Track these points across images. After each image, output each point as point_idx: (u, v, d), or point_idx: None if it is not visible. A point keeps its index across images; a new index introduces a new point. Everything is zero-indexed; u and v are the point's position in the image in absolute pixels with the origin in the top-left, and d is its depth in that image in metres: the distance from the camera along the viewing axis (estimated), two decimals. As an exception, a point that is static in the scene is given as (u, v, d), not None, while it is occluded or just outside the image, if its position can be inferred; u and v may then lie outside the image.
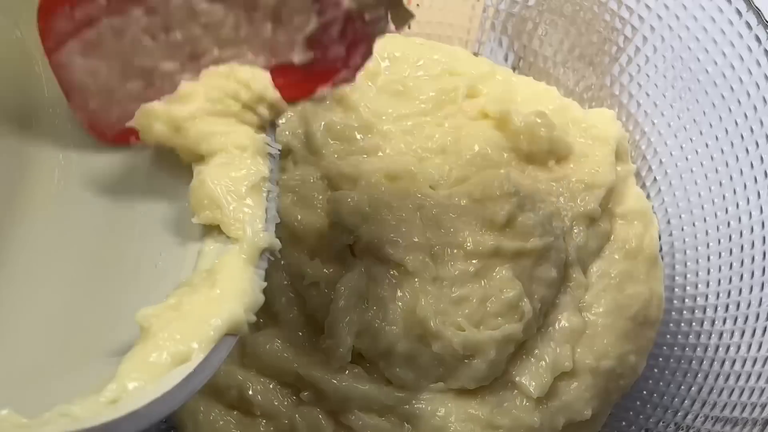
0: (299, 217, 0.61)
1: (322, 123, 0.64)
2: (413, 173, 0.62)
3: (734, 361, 0.58)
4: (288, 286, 0.60)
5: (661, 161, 0.67)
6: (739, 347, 0.58)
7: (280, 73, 0.44)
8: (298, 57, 0.43)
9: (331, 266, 0.59)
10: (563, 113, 0.68)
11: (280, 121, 0.67)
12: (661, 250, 0.67)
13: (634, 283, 0.63)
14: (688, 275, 0.64)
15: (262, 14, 0.43)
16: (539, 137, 0.63)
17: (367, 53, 0.43)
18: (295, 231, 0.60)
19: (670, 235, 0.66)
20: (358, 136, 0.65)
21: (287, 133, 0.66)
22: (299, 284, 0.59)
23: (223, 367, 0.58)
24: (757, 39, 0.60)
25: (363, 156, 0.64)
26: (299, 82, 0.44)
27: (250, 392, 0.58)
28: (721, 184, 0.63)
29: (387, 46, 0.70)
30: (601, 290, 0.62)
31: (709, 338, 0.61)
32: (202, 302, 0.38)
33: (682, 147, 0.66)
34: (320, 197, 0.62)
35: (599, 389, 0.59)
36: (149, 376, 0.35)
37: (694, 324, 0.63)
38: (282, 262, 0.60)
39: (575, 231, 0.62)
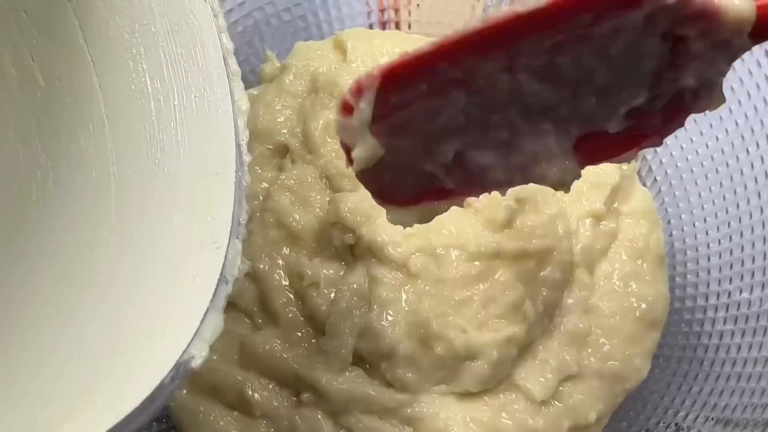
0: (297, 216, 0.60)
1: (321, 121, 0.64)
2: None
3: (735, 362, 0.58)
4: (288, 286, 0.59)
5: (661, 161, 0.67)
6: (739, 348, 0.59)
7: (586, 138, 0.40)
8: (613, 127, 0.40)
9: (331, 266, 0.59)
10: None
11: (279, 120, 0.66)
12: (661, 250, 0.66)
13: (640, 284, 0.62)
14: (689, 276, 0.64)
15: (589, 90, 0.38)
16: None
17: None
18: (294, 231, 0.60)
19: (671, 235, 0.66)
20: (356, 134, 0.64)
21: (285, 131, 0.65)
22: (299, 284, 0.59)
23: (223, 367, 0.58)
24: (758, 40, 0.60)
25: (361, 154, 0.63)
26: (605, 146, 0.41)
27: (250, 393, 0.57)
28: (721, 184, 0.63)
29: (386, 43, 0.70)
30: (607, 292, 0.61)
31: (710, 339, 0.61)
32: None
33: (682, 147, 0.66)
34: (319, 197, 0.61)
35: (604, 392, 0.59)
36: None
37: (694, 324, 0.63)
38: (281, 263, 0.60)
39: (581, 231, 0.62)
